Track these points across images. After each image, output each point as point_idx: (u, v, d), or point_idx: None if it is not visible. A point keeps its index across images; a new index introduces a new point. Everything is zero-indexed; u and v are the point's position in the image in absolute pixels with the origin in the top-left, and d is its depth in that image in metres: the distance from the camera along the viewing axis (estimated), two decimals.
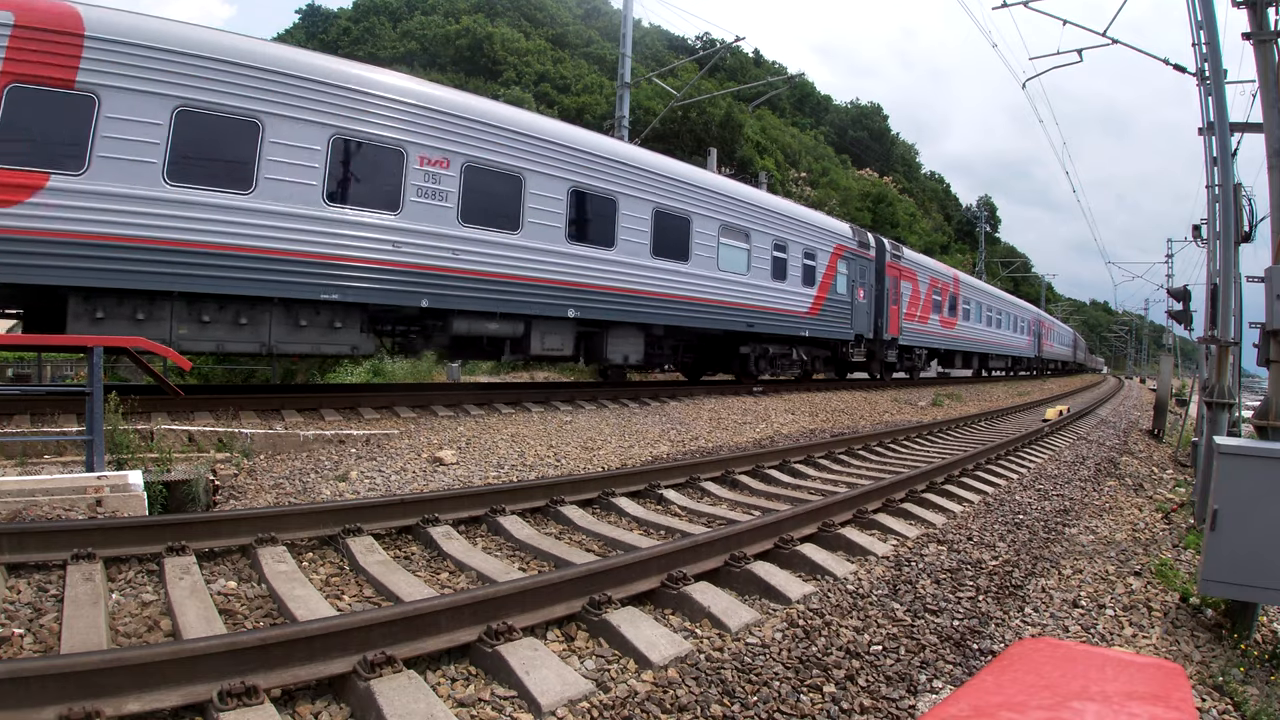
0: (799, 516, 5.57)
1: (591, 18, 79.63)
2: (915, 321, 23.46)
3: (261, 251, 8.32)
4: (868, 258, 20.22)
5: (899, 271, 21.98)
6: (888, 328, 21.01)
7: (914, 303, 23.21)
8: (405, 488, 6.73)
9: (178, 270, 7.87)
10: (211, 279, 8.10)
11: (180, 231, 7.82)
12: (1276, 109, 6.87)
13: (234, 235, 8.15)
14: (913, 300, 23.11)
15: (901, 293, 22.05)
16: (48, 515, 4.90)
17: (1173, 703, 1.87)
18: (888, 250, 21.42)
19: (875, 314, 20.57)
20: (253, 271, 8.29)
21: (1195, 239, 15.10)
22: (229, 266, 8.14)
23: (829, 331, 18.26)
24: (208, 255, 8.01)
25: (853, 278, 19.13)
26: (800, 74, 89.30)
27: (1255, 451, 4.47)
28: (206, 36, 8.18)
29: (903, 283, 22.18)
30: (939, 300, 25.67)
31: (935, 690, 3.35)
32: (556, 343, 11.72)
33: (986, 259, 59.69)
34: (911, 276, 22.95)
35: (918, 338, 23.82)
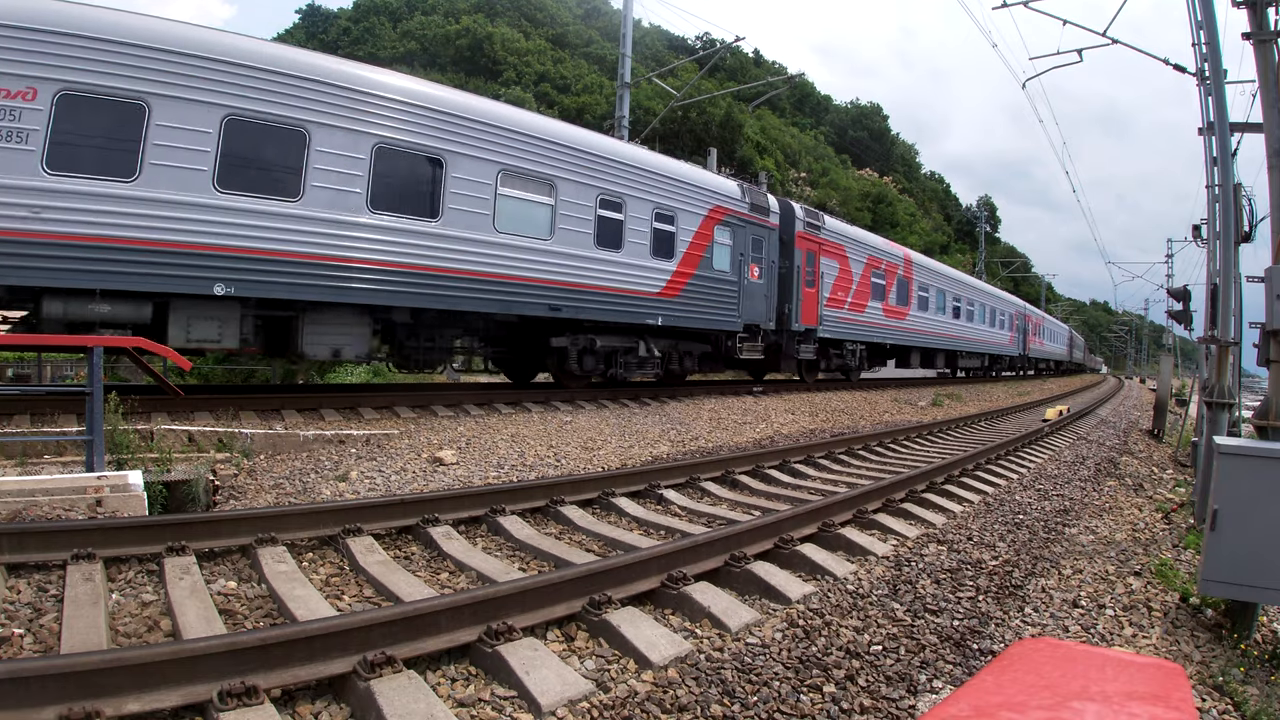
0: (799, 516, 5.57)
1: (591, 18, 79.63)
2: (844, 309, 18.92)
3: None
4: (766, 225, 15.78)
5: (817, 245, 17.40)
6: (798, 316, 16.63)
7: (841, 286, 18.73)
8: (405, 488, 6.73)
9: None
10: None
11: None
12: (1276, 109, 6.87)
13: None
14: (840, 283, 18.64)
15: (823, 273, 17.68)
16: (48, 515, 4.90)
17: (1173, 703, 1.87)
18: (799, 218, 16.73)
19: (779, 298, 16.38)
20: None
21: (1195, 239, 15.10)
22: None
23: (699, 319, 13.95)
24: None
25: (741, 251, 14.82)
26: (800, 74, 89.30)
27: (1255, 451, 4.47)
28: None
29: (824, 260, 17.80)
30: (882, 284, 21.14)
31: (935, 690, 3.35)
32: (211, 331, 8.51)
33: (986, 259, 59.67)
34: (838, 253, 18.50)
35: (846, 329, 19.15)
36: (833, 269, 18.33)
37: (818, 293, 17.56)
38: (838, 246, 18.67)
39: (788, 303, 16.49)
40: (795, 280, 16.62)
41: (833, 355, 19.40)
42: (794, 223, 16.71)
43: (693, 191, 13.89)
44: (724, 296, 14.54)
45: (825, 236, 17.97)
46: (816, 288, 17.53)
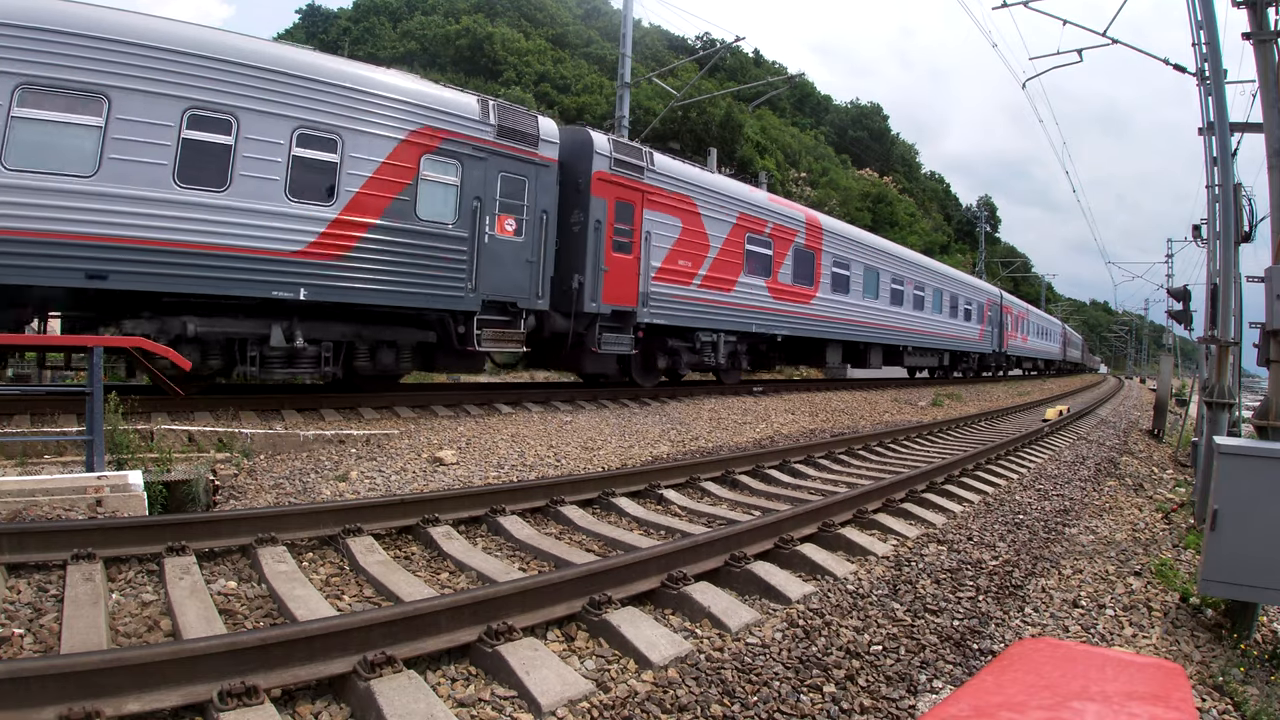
0: (799, 516, 5.57)
1: (591, 18, 79.62)
2: (692, 285, 13.76)
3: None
4: (532, 161, 10.89)
5: (639, 194, 12.46)
6: (595, 292, 11.82)
7: (686, 252, 13.61)
8: (405, 488, 6.73)
9: None
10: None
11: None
12: (1276, 109, 6.87)
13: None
14: (684, 248, 13.52)
15: (650, 233, 12.72)
16: (48, 515, 4.90)
17: (1173, 703, 1.87)
18: (601, 153, 11.85)
19: (564, 266, 11.72)
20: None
21: (1195, 239, 15.11)
22: None
23: (388, 292, 9.57)
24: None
25: (479, 195, 10.27)
26: (800, 74, 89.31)
27: (1255, 451, 4.47)
28: None
29: (653, 215, 12.79)
30: (767, 255, 15.89)
31: (935, 690, 3.35)
32: None
33: (986, 259, 59.68)
34: (680, 206, 13.38)
35: (696, 313, 13.93)
36: (669, 228, 13.20)
37: (639, 261, 12.44)
38: (679, 199, 13.42)
39: (579, 273, 11.59)
40: (592, 242, 11.59)
41: (678, 349, 13.97)
42: (590, 159, 11.67)
43: (376, 105, 9.38)
44: (440, 260, 9.86)
45: (653, 182, 12.70)
46: (637, 254, 12.36)
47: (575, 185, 11.94)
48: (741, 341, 15.78)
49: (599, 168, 11.96)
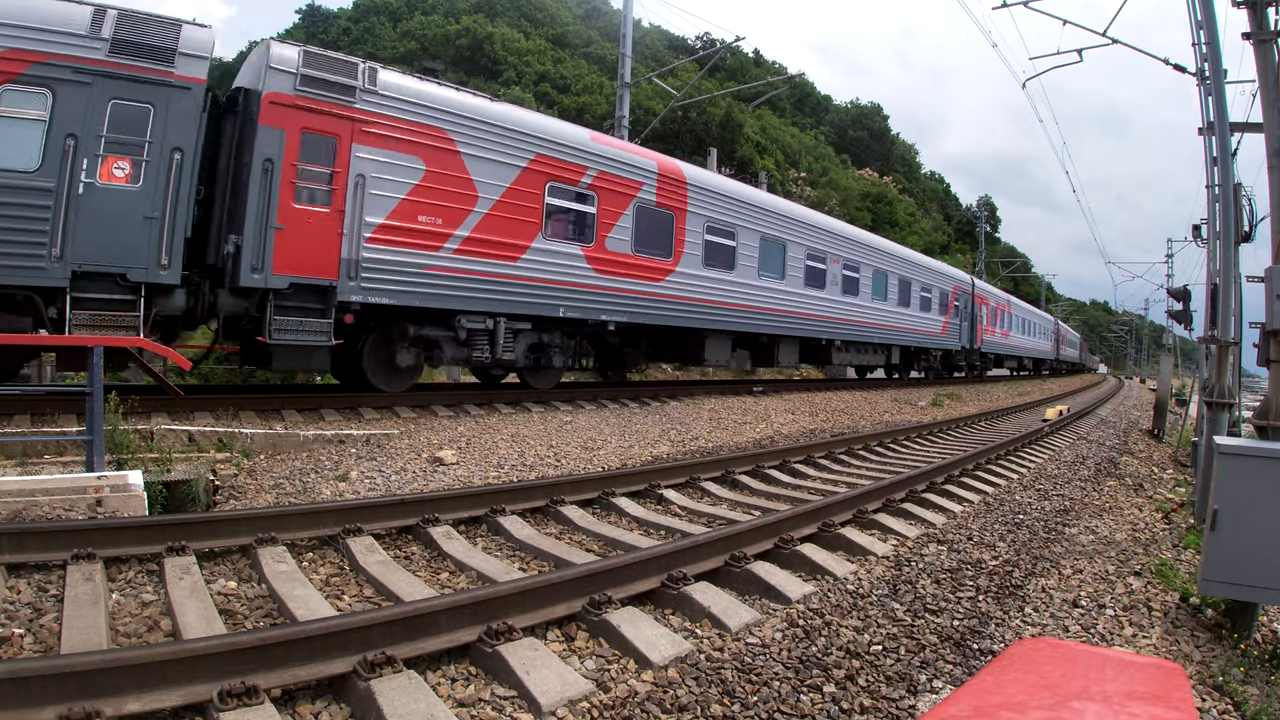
0: (799, 516, 5.57)
1: (591, 18, 79.62)
2: (444, 251, 10.05)
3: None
4: (160, 80, 8.16)
5: (350, 127, 9.17)
6: (265, 259, 8.64)
7: (440, 207, 9.99)
8: (405, 488, 6.73)
9: None
10: None
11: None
12: (1276, 109, 6.87)
13: None
14: (435, 199, 9.94)
15: (368, 178, 9.27)
16: (48, 515, 4.90)
17: (1173, 703, 1.87)
18: (273, 68, 8.65)
19: (221, 221, 8.95)
20: None
21: (1195, 239, 15.11)
22: None
23: None
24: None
25: (67, 130, 7.73)
26: (800, 74, 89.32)
27: (1255, 451, 4.47)
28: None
29: (376, 155, 9.36)
30: (585, 214, 11.85)
31: (935, 690, 3.35)
32: None
33: (986, 259, 59.68)
34: (429, 145, 9.86)
35: (444, 288, 10.11)
36: (403, 172, 9.59)
37: (342, 216, 9.06)
38: (424, 131, 9.76)
39: (236, 233, 8.54)
40: (256, 189, 8.57)
41: (435, 340, 10.38)
42: (263, 77, 8.64)
43: None
44: (7, 218, 7.47)
45: (374, 108, 9.29)
46: (340, 206, 9.03)
47: (244, 118, 8.94)
48: (550, 330, 11.70)
49: (275, 87, 8.56)
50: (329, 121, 9.03)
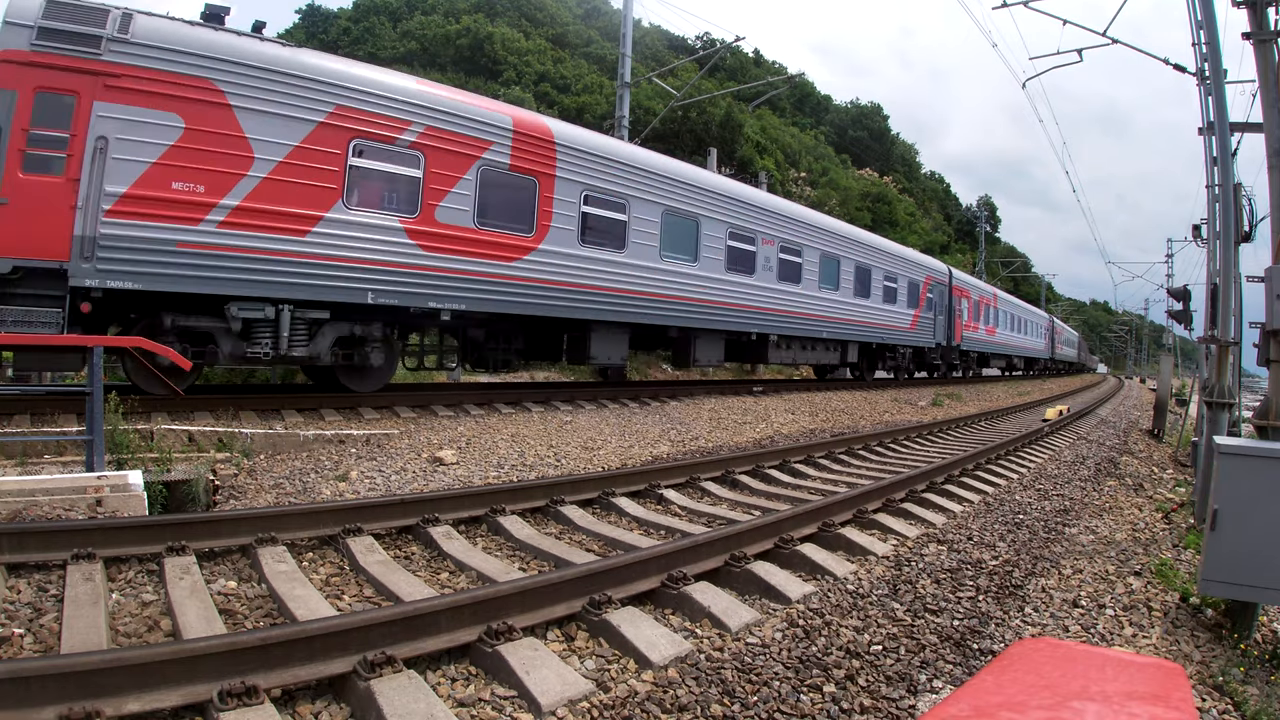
0: (799, 516, 5.57)
1: (591, 18, 79.60)
2: (207, 224, 8.29)
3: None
4: None
5: (93, 83, 7.77)
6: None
7: (204, 171, 8.27)
8: (405, 488, 6.73)
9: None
10: None
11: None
12: (1276, 109, 6.87)
13: None
14: (197, 163, 8.24)
15: (111, 141, 7.78)
16: (48, 515, 4.90)
17: (1173, 703, 1.87)
18: (7, 21, 7.51)
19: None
20: None
21: (1195, 239, 15.12)
22: None
23: None
24: None
25: None
26: (800, 74, 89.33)
27: (1255, 451, 4.47)
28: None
29: (124, 113, 7.88)
30: (412, 178, 9.83)
31: (935, 690, 3.35)
32: None
33: (987, 259, 59.68)
34: (192, 99, 8.24)
35: (209, 269, 8.34)
36: (157, 131, 8.04)
37: (78, 185, 7.68)
38: (186, 84, 8.23)
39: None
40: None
41: (207, 332, 8.81)
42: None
43: None
44: None
45: (126, 60, 7.94)
46: (76, 173, 7.67)
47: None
48: (364, 321, 9.92)
49: (9, 44, 7.47)
50: (68, 78, 7.71)
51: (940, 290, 25.59)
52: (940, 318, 25.49)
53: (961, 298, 27.57)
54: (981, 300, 30.99)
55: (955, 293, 26.89)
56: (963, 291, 27.89)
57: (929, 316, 24.47)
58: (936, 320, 25.11)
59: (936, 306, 25.11)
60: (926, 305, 24.23)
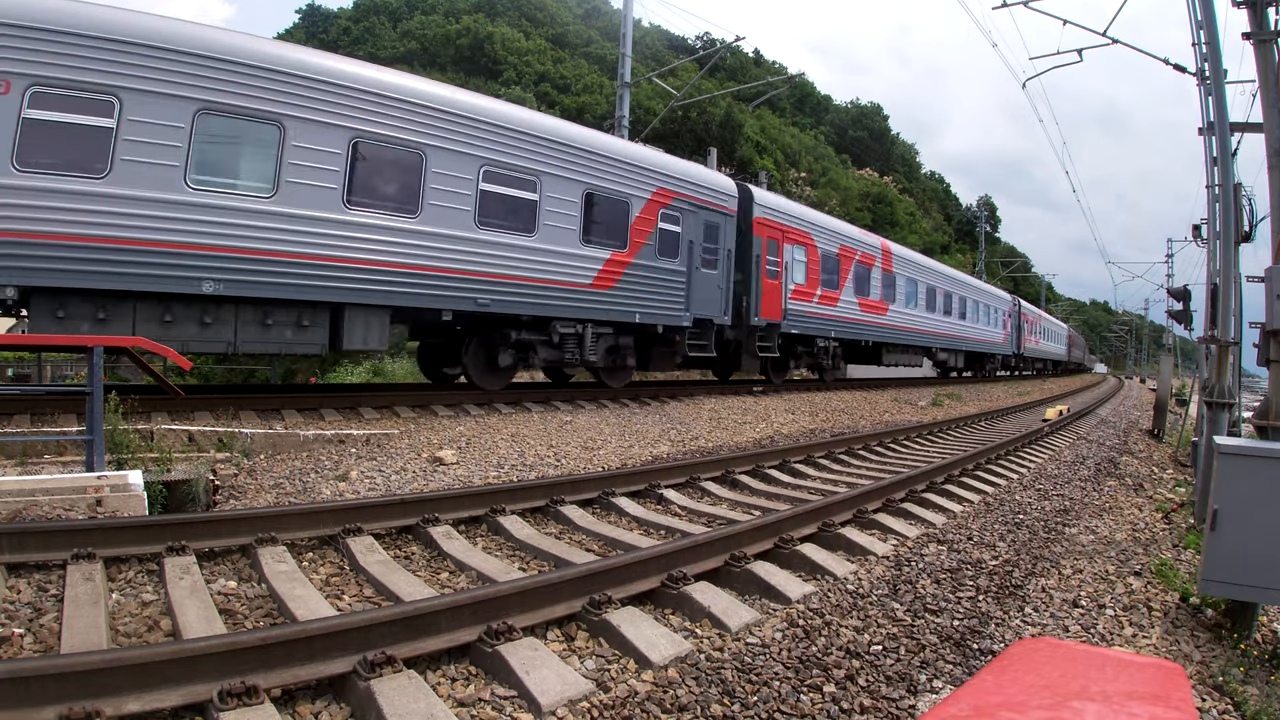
0: (799, 516, 5.57)
1: (591, 18, 79.61)
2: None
3: None
4: None
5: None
6: None
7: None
8: (405, 488, 6.73)
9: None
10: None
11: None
12: (1276, 109, 6.87)
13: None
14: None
15: None
16: (48, 515, 4.90)
17: (1173, 703, 1.87)
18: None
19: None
20: None
21: (1195, 239, 15.12)
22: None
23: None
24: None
25: None
26: (800, 74, 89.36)
27: (1255, 451, 4.47)
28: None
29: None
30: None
31: (935, 690, 3.35)
32: None
33: (987, 259, 59.66)
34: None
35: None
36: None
37: None
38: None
39: None
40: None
41: None
42: None
43: None
44: None
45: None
46: None
47: None
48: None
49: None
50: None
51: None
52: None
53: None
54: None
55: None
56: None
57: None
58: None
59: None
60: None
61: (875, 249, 21.49)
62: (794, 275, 16.99)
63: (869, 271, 20.77)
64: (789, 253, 16.77)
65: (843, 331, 19.24)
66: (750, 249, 15.39)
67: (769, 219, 16.07)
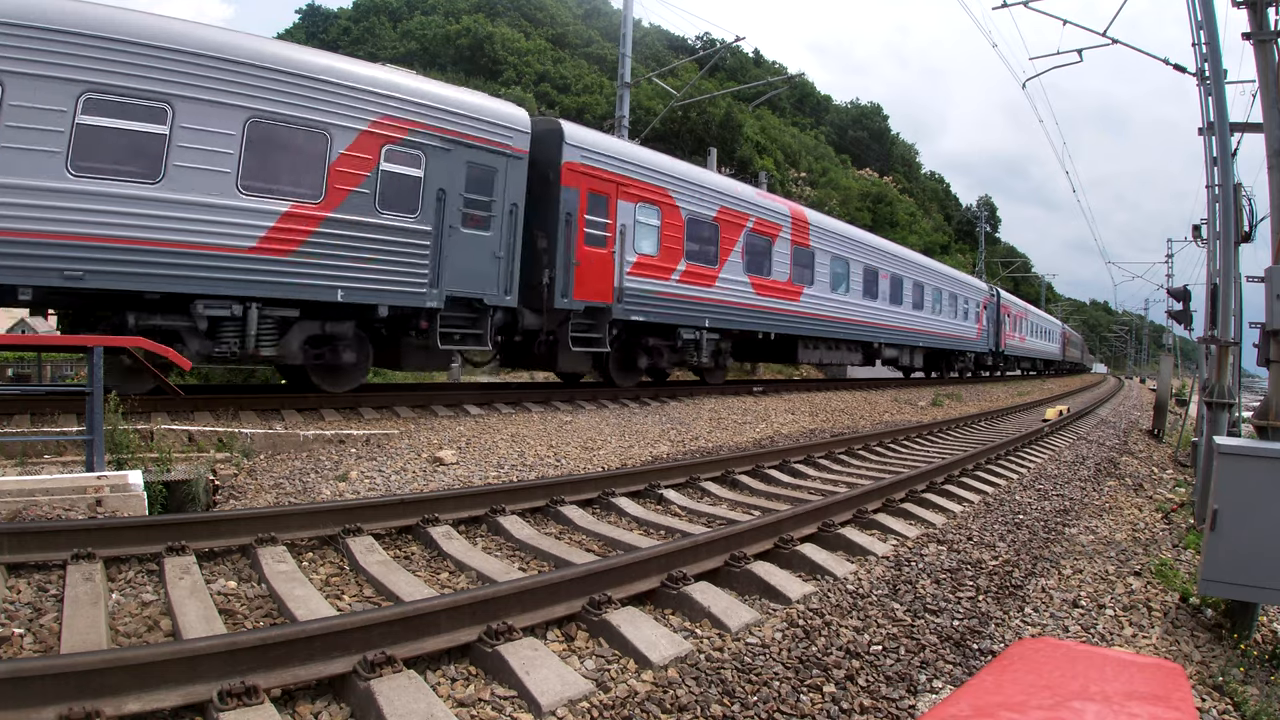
0: (799, 516, 5.57)
1: (591, 18, 79.63)
2: None
3: None
4: None
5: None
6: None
7: None
8: (405, 488, 6.73)
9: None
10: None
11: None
12: (1276, 109, 6.87)
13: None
14: None
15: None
16: (48, 515, 4.90)
17: (1173, 703, 1.87)
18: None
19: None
20: None
21: (1195, 239, 15.12)
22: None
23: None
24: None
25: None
26: (800, 74, 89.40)
27: (1255, 451, 4.47)
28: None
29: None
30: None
31: (935, 690, 3.35)
32: None
33: (986, 259, 59.68)
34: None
35: None
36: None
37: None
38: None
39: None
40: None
41: None
42: None
43: None
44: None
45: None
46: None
47: None
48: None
49: None
50: None
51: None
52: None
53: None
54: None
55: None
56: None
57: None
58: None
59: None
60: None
61: (780, 216, 16.25)
62: (636, 243, 12.33)
63: (769, 245, 15.86)
64: (628, 213, 12.22)
65: (724, 320, 14.46)
66: (558, 206, 11.14)
67: (591, 166, 11.54)
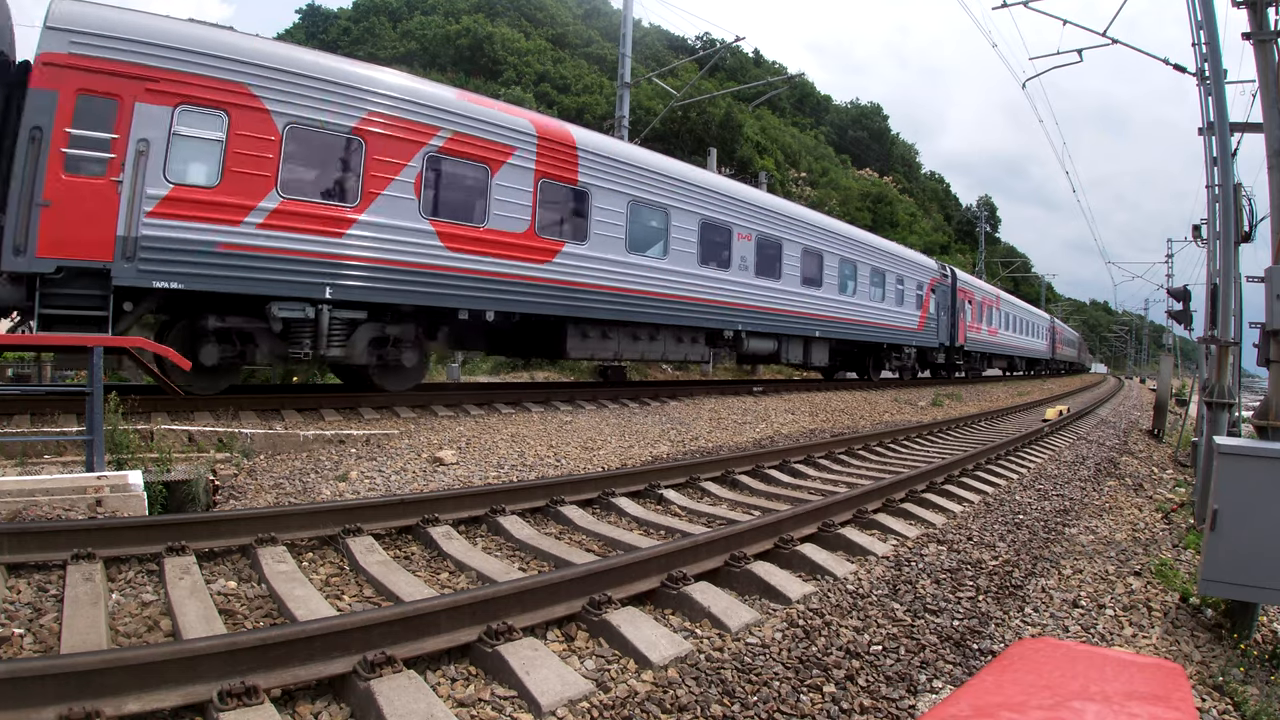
0: (799, 516, 5.57)
1: (591, 18, 79.62)
2: None
3: None
4: None
5: None
6: None
7: None
8: (405, 488, 6.73)
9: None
10: None
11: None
12: (1276, 109, 6.87)
13: None
14: None
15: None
16: (48, 515, 4.90)
17: (1173, 703, 1.87)
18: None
19: None
20: None
21: (1195, 239, 15.11)
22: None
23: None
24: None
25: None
26: (800, 74, 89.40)
27: (1255, 451, 4.47)
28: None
29: None
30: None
31: (935, 690, 3.35)
32: None
33: (986, 259, 59.67)
34: None
35: None
36: None
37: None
38: None
39: None
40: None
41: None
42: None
43: None
44: None
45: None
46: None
47: None
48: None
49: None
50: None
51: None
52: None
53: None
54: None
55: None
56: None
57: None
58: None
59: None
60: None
61: (512, 133, 10.61)
62: (172, 169, 7.82)
63: (485, 176, 10.31)
64: (157, 122, 7.70)
65: (373, 288, 9.23)
66: (17, 116, 7.23)
67: (88, 57, 7.30)
